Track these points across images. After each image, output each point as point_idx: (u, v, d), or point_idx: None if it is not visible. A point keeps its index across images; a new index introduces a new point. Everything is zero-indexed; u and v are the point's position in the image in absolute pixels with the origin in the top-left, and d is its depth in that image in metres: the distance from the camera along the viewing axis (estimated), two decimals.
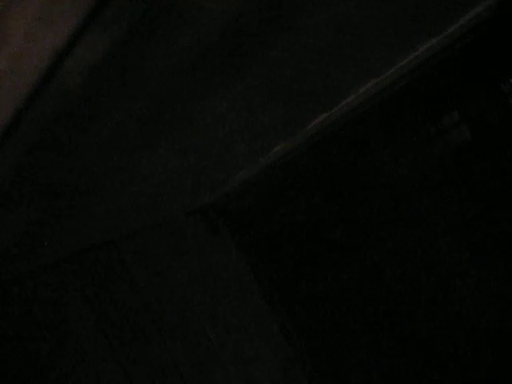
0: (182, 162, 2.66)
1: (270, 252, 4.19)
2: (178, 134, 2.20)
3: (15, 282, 2.72)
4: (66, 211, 2.32)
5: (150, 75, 1.53)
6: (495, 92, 3.21)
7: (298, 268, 4.13)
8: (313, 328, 4.10)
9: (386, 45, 2.32)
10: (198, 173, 3.05)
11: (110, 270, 3.24)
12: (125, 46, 1.25)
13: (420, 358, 3.69)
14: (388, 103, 3.14)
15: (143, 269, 3.36)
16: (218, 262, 3.91)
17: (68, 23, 1.02)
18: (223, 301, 3.78)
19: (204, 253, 3.81)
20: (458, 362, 3.55)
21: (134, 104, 1.65)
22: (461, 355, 3.54)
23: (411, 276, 3.68)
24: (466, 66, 3.11)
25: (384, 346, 3.82)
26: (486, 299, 3.43)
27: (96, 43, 1.15)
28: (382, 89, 2.82)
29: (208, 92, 1.92)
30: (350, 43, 2.13)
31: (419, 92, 3.21)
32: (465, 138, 3.40)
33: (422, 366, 3.69)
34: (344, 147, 3.67)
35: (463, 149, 3.42)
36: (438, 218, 3.54)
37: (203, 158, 2.79)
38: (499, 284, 3.36)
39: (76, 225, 2.64)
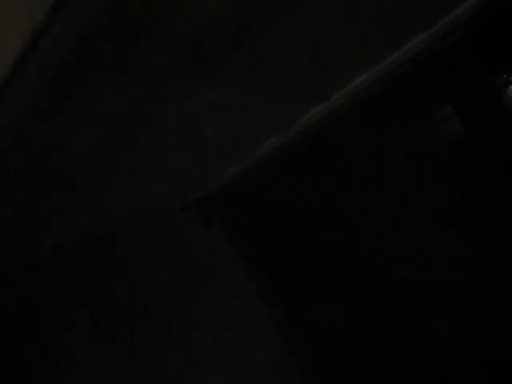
0: (174, 157, 2.67)
1: (264, 245, 4.20)
2: (169, 127, 2.20)
3: (11, 277, 2.71)
4: (61, 206, 2.32)
5: (140, 68, 1.53)
6: (488, 86, 3.22)
7: (293, 261, 4.14)
8: (308, 322, 4.12)
9: (378, 38, 2.33)
10: (192, 167, 3.06)
11: (106, 267, 3.23)
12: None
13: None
14: (380, 97, 3.15)
15: (141, 266, 3.36)
16: (213, 257, 3.92)
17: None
18: (218, 295, 3.78)
19: (198, 247, 3.82)
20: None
21: (123, 95, 1.65)
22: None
23: (401, 268, 3.70)
24: (459, 59, 3.12)
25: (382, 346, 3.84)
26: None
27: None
28: (374, 82, 2.83)
29: (198, 87, 1.92)
30: (342, 37, 2.14)
31: (412, 85, 3.22)
32: (458, 132, 3.42)
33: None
34: (337, 140, 3.68)
35: (456, 143, 3.43)
36: (429, 211, 3.57)
37: (196, 152, 2.80)
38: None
39: (72, 219, 2.64)
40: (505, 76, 3.19)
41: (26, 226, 2.20)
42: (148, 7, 1.22)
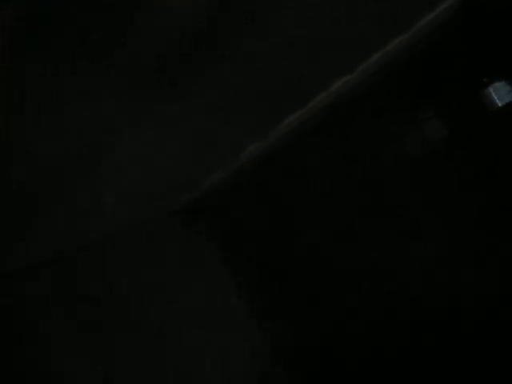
0: (159, 162, 2.67)
1: (252, 252, 4.19)
2: (153, 131, 2.21)
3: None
4: (42, 210, 2.30)
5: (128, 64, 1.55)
6: (470, 90, 3.26)
7: (279, 265, 4.14)
8: (296, 325, 4.12)
9: (357, 40, 2.37)
10: (177, 173, 3.06)
11: (89, 275, 3.21)
12: None
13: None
14: (361, 100, 3.19)
15: (129, 272, 3.35)
16: (199, 264, 3.91)
17: None
18: (204, 305, 3.78)
19: (184, 254, 3.81)
20: None
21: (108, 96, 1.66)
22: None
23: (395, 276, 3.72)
24: (441, 63, 3.17)
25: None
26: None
27: None
28: (355, 85, 2.87)
29: (177, 91, 1.94)
30: (321, 40, 2.17)
31: (393, 88, 3.27)
32: (440, 134, 3.46)
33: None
34: (318, 144, 3.71)
35: (438, 144, 3.47)
36: (414, 213, 3.60)
37: (181, 157, 2.81)
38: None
39: (52, 226, 2.62)
40: (485, 79, 3.24)
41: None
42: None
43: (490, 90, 3.25)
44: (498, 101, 3.26)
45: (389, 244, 3.73)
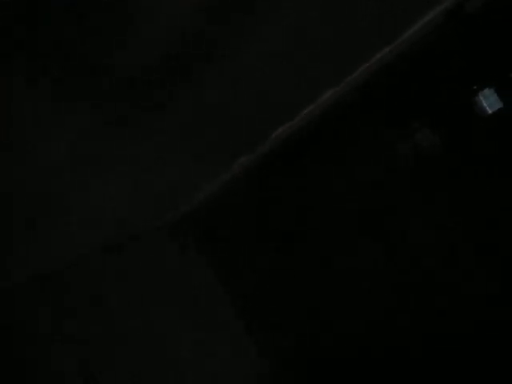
0: (148, 176, 2.66)
1: (240, 265, 4.20)
2: (140, 148, 2.21)
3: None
4: (35, 232, 2.30)
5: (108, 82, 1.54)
6: (461, 98, 3.29)
7: (269, 278, 4.15)
8: (286, 343, 4.12)
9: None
10: (166, 188, 3.05)
11: (79, 291, 3.19)
12: None
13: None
14: (354, 109, 3.20)
15: (115, 290, 3.34)
16: (188, 278, 3.90)
17: None
18: (194, 316, 3.77)
19: (174, 269, 3.80)
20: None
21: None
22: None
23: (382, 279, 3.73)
24: (432, 72, 3.18)
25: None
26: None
27: None
28: (344, 96, 2.87)
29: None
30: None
31: (386, 97, 3.28)
32: (433, 142, 3.48)
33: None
34: (310, 154, 3.72)
35: (430, 150, 3.50)
36: (410, 217, 3.61)
37: (169, 172, 2.80)
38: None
39: (44, 243, 2.61)
40: (475, 87, 3.26)
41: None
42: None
43: (480, 97, 3.28)
44: (488, 108, 3.28)
45: (389, 245, 3.74)
